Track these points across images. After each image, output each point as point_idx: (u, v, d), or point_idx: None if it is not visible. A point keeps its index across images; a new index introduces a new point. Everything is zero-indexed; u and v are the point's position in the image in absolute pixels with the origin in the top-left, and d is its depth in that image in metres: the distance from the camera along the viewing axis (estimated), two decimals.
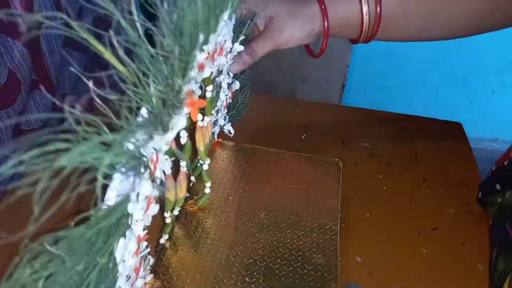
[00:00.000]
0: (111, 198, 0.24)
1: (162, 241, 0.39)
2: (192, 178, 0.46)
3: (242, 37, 0.42)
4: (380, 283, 0.38)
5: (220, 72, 0.41)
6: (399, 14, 0.46)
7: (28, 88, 0.49)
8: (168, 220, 0.38)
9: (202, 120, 0.40)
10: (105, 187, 0.23)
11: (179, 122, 0.28)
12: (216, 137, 0.51)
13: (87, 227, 0.22)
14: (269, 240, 0.39)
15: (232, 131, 0.53)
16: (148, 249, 0.31)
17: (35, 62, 0.49)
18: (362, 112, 0.64)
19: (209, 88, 0.40)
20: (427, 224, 0.44)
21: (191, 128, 0.43)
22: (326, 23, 0.46)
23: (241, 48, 0.43)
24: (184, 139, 0.34)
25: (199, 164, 0.46)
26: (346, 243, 0.41)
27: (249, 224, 0.40)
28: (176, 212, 0.40)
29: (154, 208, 0.29)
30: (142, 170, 0.24)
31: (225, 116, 0.51)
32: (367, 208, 0.46)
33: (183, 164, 0.37)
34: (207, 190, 0.43)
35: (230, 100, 0.50)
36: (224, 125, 0.52)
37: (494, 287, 0.37)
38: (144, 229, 0.29)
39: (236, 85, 0.49)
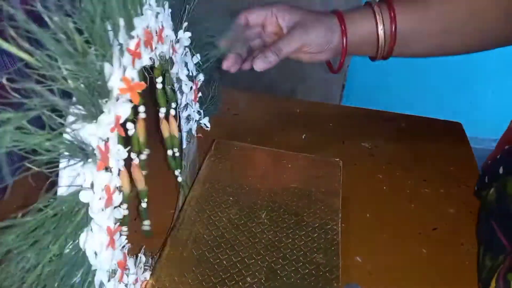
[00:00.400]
0: (61, 187, 0.24)
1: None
2: (180, 179, 0.46)
3: (185, 24, 0.43)
4: (380, 283, 0.38)
5: (172, 64, 0.42)
6: (415, 31, 0.48)
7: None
8: (125, 212, 0.36)
9: (146, 112, 0.38)
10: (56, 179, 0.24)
11: (121, 108, 0.28)
12: (195, 132, 0.51)
13: (32, 217, 0.22)
14: (270, 240, 0.39)
15: (208, 125, 0.53)
16: (126, 242, 0.31)
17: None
18: (362, 112, 0.64)
19: (159, 79, 0.41)
20: (427, 224, 0.45)
21: (160, 120, 0.43)
22: (345, 40, 0.48)
23: (188, 34, 0.43)
24: (131, 131, 0.34)
25: (169, 157, 0.45)
26: (346, 243, 0.41)
27: (250, 224, 0.41)
28: (144, 205, 0.40)
29: (117, 199, 0.29)
30: (88, 157, 0.25)
31: (198, 111, 0.51)
32: (367, 208, 0.46)
33: (133, 155, 0.37)
34: (179, 179, 0.44)
35: (200, 94, 0.50)
36: (200, 119, 0.52)
37: (483, 284, 0.37)
38: (116, 222, 0.29)
39: (200, 78, 0.48)
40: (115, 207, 0.29)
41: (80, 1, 0.25)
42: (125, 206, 0.37)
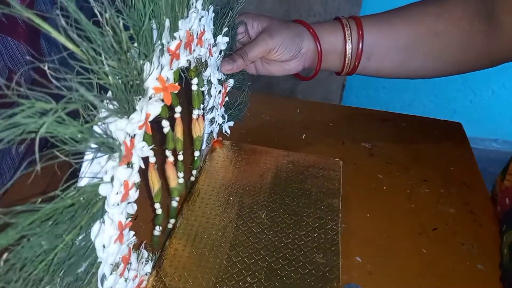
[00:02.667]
0: (82, 177, 0.24)
1: (156, 233, 0.39)
2: (194, 172, 0.47)
3: (225, 29, 0.43)
4: (380, 283, 0.38)
5: (205, 66, 0.42)
6: (379, 46, 0.49)
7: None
8: (158, 211, 0.38)
9: (182, 112, 0.39)
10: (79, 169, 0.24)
11: (150, 107, 0.28)
12: (215, 135, 0.52)
13: (51, 204, 0.22)
14: (270, 240, 0.39)
15: (228, 131, 0.53)
16: (134, 238, 0.31)
17: (35, 62, 0.49)
18: (362, 112, 0.64)
19: (194, 81, 0.41)
20: (427, 224, 0.45)
21: (188, 120, 0.44)
22: (318, 45, 0.49)
23: (226, 39, 0.43)
24: (166, 128, 0.35)
25: (196, 158, 0.46)
26: (346, 243, 0.41)
27: (250, 224, 0.41)
28: (174, 204, 0.40)
29: (134, 195, 0.29)
30: (113, 151, 0.25)
31: (223, 115, 0.51)
32: (367, 208, 0.46)
33: (168, 153, 0.37)
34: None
35: (227, 98, 0.50)
36: (223, 123, 0.52)
37: None
38: (128, 218, 0.29)
39: (230, 82, 0.49)
40: (129, 203, 0.29)
41: None
42: (158, 205, 0.37)
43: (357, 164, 0.52)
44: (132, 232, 0.31)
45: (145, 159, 0.30)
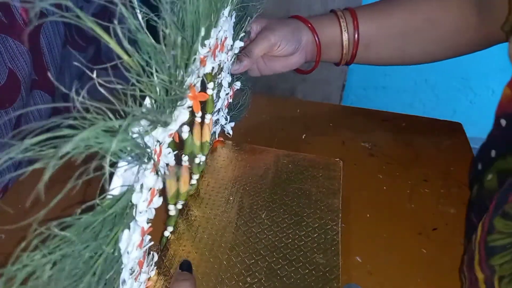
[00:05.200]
0: (116, 187, 0.24)
1: (166, 233, 0.39)
2: (195, 177, 0.46)
3: (242, 34, 0.44)
4: (380, 283, 0.38)
5: (221, 70, 0.42)
6: (377, 35, 0.51)
7: (28, 88, 0.49)
8: (172, 213, 0.39)
9: (201, 116, 0.40)
10: (110, 177, 0.23)
11: (181, 115, 0.29)
12: (217, 136, 0.52)
13: (93, 215, 0.22)
14: (270, 240, 0.39)
15: (231, 132, 0.53)
16: (151, 243, 0.31)
17: (35, 62, 0.49)
18: (362, 112, 0.64)
19: (210, 85, 0.40)
20: (427, 224, 0.45)
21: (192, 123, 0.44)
22: (316, 37, 0.51)
23: (241, 44, 0.44)
24: (186, 134, 0.35)
25: (201, 163, 0.46)
26: (346, 243, 0.41)
27: (250, 224, 0.41)
28: (179, 206, 0.40)
29: (158, 201, 0.29)
30: (146, 160, 0.25)
31: (226, 116, 0.51)
32: (367, 208, 0.46)
33: (184, 158, 0.37)
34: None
35: (231, 100, 0.50)
36: (225, 124, 0.52)
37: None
38: (148, 223, 0.29)
39: (237, 85, 0.49)
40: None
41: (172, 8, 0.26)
42: (172, 207, 0.38)
43: (357, 164, 0.52)
44: (149, 237, 0.31)
45: None
